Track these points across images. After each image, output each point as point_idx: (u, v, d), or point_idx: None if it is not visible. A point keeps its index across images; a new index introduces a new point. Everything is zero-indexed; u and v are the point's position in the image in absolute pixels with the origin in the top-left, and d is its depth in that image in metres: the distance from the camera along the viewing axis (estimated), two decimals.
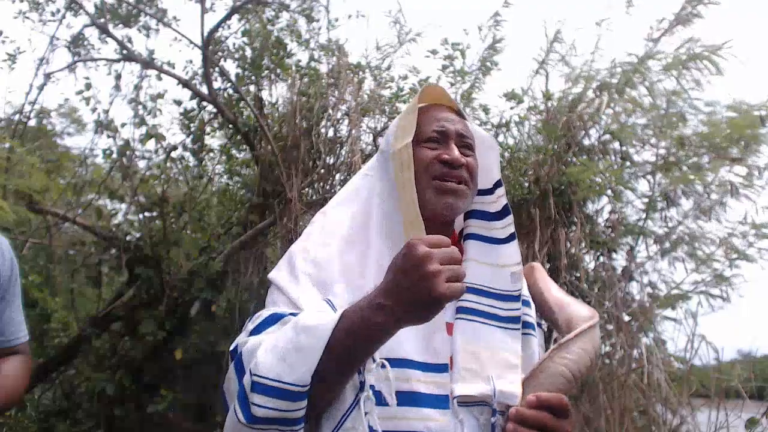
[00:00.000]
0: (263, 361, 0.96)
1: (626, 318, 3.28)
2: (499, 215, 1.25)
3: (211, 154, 4.50)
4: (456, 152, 1.20)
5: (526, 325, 1.20)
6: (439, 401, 1.05)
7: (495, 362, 1.10)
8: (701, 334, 3.14)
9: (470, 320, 1.14)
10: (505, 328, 1.16)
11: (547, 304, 1.25)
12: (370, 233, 1.18)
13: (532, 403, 0.96)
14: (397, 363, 1.05)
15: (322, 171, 3.79)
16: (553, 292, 1.28)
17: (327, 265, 1.15)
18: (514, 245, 1.23)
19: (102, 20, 4.19)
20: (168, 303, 3.73)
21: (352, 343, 0.95)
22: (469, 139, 1.25)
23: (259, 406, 0.94)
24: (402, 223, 1.16)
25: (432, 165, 1.20)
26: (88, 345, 3.86)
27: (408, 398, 1.03)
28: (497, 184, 1.28)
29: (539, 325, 1.30)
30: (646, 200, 3.45)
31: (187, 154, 4.37)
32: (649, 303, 3.31)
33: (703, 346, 3.11)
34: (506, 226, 1.24)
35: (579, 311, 1.18)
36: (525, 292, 1.23)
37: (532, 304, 1.26)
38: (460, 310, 1.15)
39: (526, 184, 3.45)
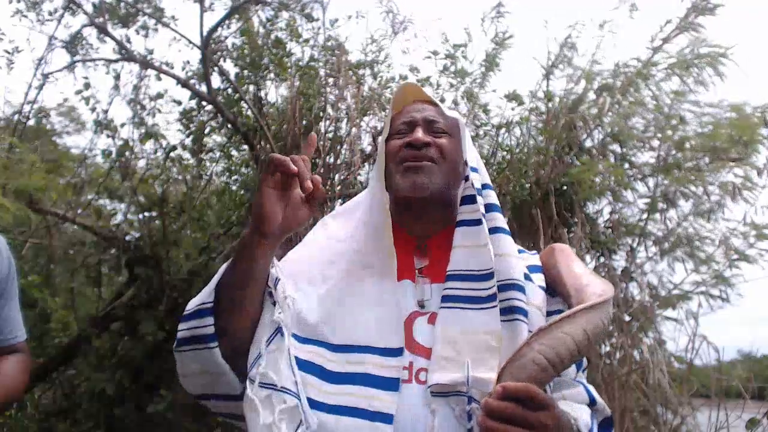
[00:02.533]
0: (190, 302, 1.15)
1: (627, 318, 3.28)
2: (476, 197, 1.26)
3: (211, 154, 4.49)
4: (419, 133, 1.25)
5: (516, 310, 1.14)
6: (388, 383, 1.07)
7: (473, 346, 1.09)
8: (702, 335, 3.13)
9: (452, 307, 1.15)
10: (486, 308, 1.14)
11: (566, 288, 1.19)
12: (356, 234, 1.28)
13: (500, 393, 0.93)
14: (356, 349, 1.11)
15: (322, 171, 3.79)
16: (574, 273, 1.20)
17: (303, 264, 1.26)
18: (485, 225, 1.23)
19: (100, 20, 4.18)
20: (168, 303, 3.72)
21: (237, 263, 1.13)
22: (440, 124, 1.29)
23: (180, 330, 1.14)
24: (382, 216, 1.23)
25: (398, 152, 1.26)
26: (88, 345, 3.85)
27: (357, 378, 1.08)
28: (466, 163, 1.30)
29: (560, 312, 1.22)
30: (646, 201, 3.45)
31: (186, 154, 4.37)
32: (650, 303, 3.30)
33: (703, 346, 3.11)
34: (480, 207, 1.24)
35: (591, 292, 1.10)
36: (517, 276, 1.18)
37: (533, 290, 1.21)
38: (444, 298, 1.16)
39: (528, 186, 3.44)
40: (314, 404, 1.05)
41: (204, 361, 1.11)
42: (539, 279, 1.25)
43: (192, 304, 1.14)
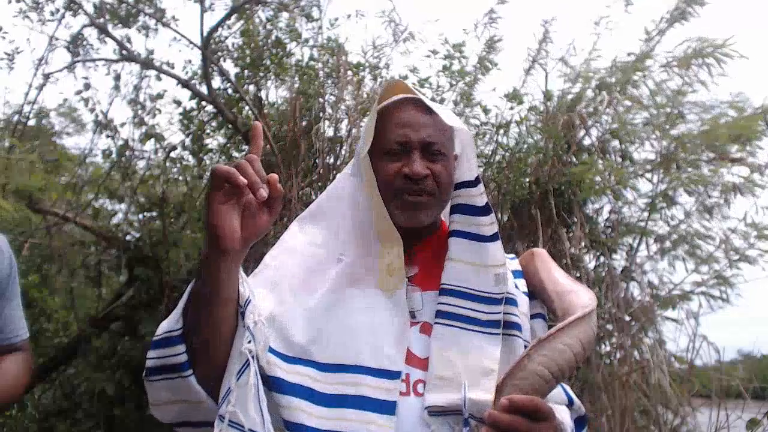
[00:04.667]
0: (159, 326, 1.05)
1: (627, 318, 3.28)
2: (485, 210, 1.19)
3: (211, 154, 4.49)
4: (417, 165, 1.16)
5: (511, 325, 1.15)
6: (385, 407, 1.03)
7: (470, 368, 1.07)
8: (702, 335, 3.14)
9: (448, 325, 1.12)
10: (485, 332, 1.12)
11: (547, 292, 1.20)
12: (340, 240, 1.21)
13: (505, 406, 0.93)
14: (348, 369, 1.07)
15: (322, 171, 3.79)
16: (555, 278, 1.21)
17: (285, 271, 1.19)
18: (499, 245, 1.18)
19: (101, 20, 4.18)
20: (168, 303, 3.72)
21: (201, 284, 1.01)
22: (437, 145, 1.18)
23: (149, 359, 1.03)
24: (375, 233, 1.18)
25: (394, 180, 1.17)
26: (88, 345, 3.85)
27: (352, 401, 1.04)
28: (477, 180, 1.23)
29: (542, 315, 1.25)
30: (646, 200, 3.45)
31: (186, 154, 4.37)
32: (650, 303, 3.30)
33: (704, 346, 3.11)
34: (492, 223, 1.19)
35: (577, 300, 1.11)
36: (510, 290, 1.18)
37: (520, 299, 1.21)
38: (439, 314, 1.13)
39: (527, 185, 3.44)
40: (305, 430, 1.01)
41: (178, 390, 1.02)
42: (522, 284, 1.25)
43: (160, 330, 1.04)
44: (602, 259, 3.44)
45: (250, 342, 1.01)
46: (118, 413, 3.61)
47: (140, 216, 4.22)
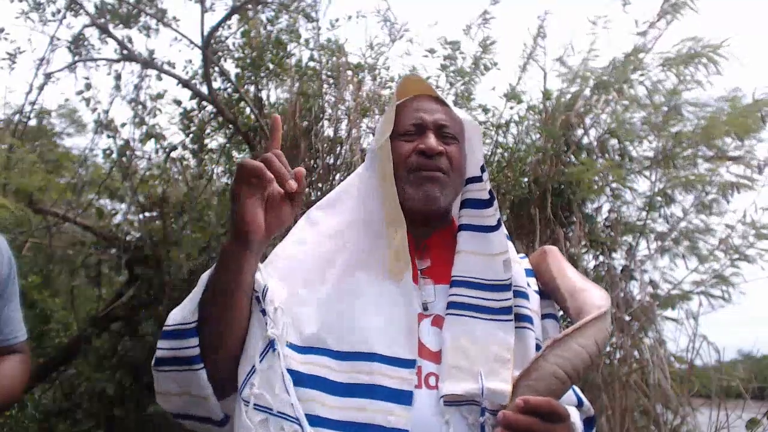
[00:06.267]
0: (170, 315, 1.07)
1: (627, 318, 3.28)
2: (489, 202, 1.21)
3: (211, 154, 4.49)
4: (432, 141, 1.19)
5: (523, 318, 1.14)
6: (402, 396, 1.01)
7: (485, 357, 1.06)
8: (702, 335, 3.13)
9: (460, 315, 1.11)
10: (497, 320, 1.11)
11: (559, 291, 1.18)
12: (349, 231, 1.21)
13: (520, 407, 0.92)
14: (363, 356, 1.05)
15: (322, 171, 3.79)
16: (568, 276, 1.20)
17: (295, 262, 1.19)
18: (502, 231, 1.20)
19: (102, 20, 4.19)
20: (168, 303, 3.72)
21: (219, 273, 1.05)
22: (450, 129, 1.23)
23: (160, 349, 1.05)
24: (383, 220, 1.18)
25: (409, 157, 1.20)
26: (88, 345, 3.86)
27: (368, 390, 1.02)
28: (482, 169, 1.25)
29: (553, 316, 1.24)
30: (645, 199, 3.44)
31: (187, 154, 4.37)
32: (650, 303, 3.30)
33: (704, 346, 3.11)
34: (495, 213, 1.21)
35: (590, 299, 1.09)
36: (521, 283, 1.18)
37: (531, 296, 1.20)
38: (451, 305, 1.13)
39: (526, 184, 3.44)
40: (321, 422, 0.99)
41: (186, 383, 1.03)
42: (533, 283, 1.25)
43: (173, 320, 1.06)
44: (602, 258, 3.44)
45: (272, 328, 1.04)
46: (118, 413, 3.62)
47: (141, 216, 4.22)
